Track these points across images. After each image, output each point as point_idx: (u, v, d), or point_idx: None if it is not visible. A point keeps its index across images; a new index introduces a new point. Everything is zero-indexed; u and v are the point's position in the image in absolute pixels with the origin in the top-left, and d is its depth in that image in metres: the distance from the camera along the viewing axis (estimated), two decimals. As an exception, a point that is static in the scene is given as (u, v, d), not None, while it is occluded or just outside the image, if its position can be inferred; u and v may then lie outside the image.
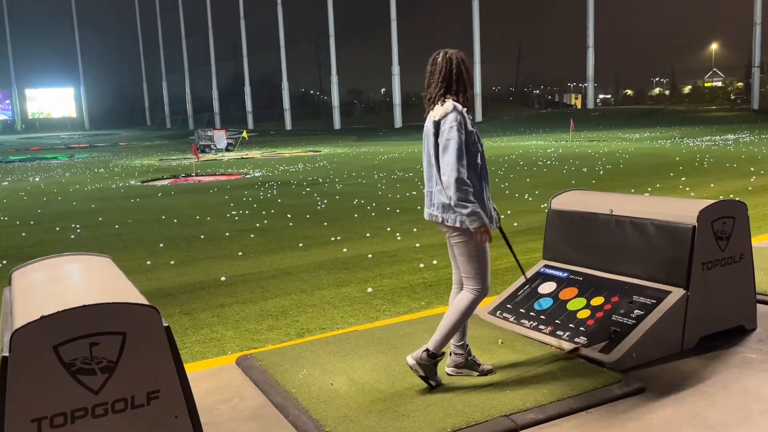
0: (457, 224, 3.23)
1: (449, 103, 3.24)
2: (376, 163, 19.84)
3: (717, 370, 3.54)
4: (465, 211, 3.15)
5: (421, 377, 3.34)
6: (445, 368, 3.47)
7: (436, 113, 3.25)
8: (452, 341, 3.45)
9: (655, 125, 37.38)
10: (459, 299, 3.35)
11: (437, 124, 3.23)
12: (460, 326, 3.35)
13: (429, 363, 3.31)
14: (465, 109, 3.27)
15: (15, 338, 2.13)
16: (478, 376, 3.45)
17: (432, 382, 3.35)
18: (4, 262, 7.47)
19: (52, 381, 2.16)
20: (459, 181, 3.14)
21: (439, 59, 3.32)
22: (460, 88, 3.30)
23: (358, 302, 5.28)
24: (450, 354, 3.46)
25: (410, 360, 3.34)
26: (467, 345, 3.49)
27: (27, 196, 15.14)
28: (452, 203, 3.19)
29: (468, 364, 3.46)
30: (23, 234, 9.55)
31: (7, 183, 19.24)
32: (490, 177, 3.48)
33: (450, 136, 3.17)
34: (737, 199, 4.15)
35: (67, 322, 2.17)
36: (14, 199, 14.42)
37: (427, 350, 3.31)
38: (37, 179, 20.14)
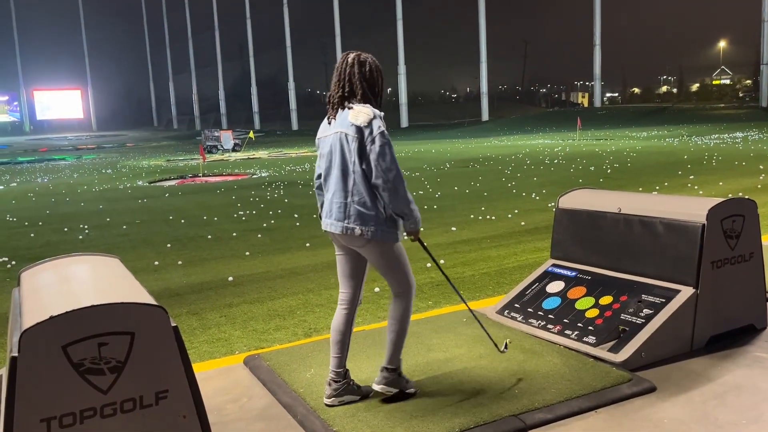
0: (378, 236, 3.07)
1: (368, 108, 3.06)
2: (383, 163, 19.80)
3: (727, 369, 3.51)
4: (415, 216, 3.11)
5: (397, 394, 3.25)
6: (324, 400, 3.24)
7: (357, 118, 3.02)
8: (331, 367, 3.24)
9: (662, 123, 37.21)
10: (395, 309, 3.24)
11: (360, 130, 3.02)
12: (405, 333, 3.26)
13: (396, 378, 3.25)
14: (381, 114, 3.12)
15: (24, 338, 2.13)
16: (360, 399, 3.26)
17: (410, 390, 3.29)
18: (13, 262, 7.51)
19: (61, 381, 2.17)
20: (404, 186, 3.05)
21: (350, 59, 3.13)
22: (376, 92, 3.16)
23: (366, 302, 5.27)
24: (328, 383, 3.23)
25: (376, 387, 3.24)
26: (347, 371, 3.28)
27: (35, 197, 15.22)
28: (399, 209, 3.06)
29: (349, 389, 3.25)
30: (32, 235, 9.59)
31: (15, 184, 19.35)
32: (496, 176, 3.44)
33: (384, 140, 3.00)
34: (747, 197, 4.12)
35: (75, 323, 2.18)
36: (23, 200, 14.49)
37: (385, 368, 3.24)
38: (46, 180, 20.25)
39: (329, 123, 3.22)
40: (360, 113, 3.05)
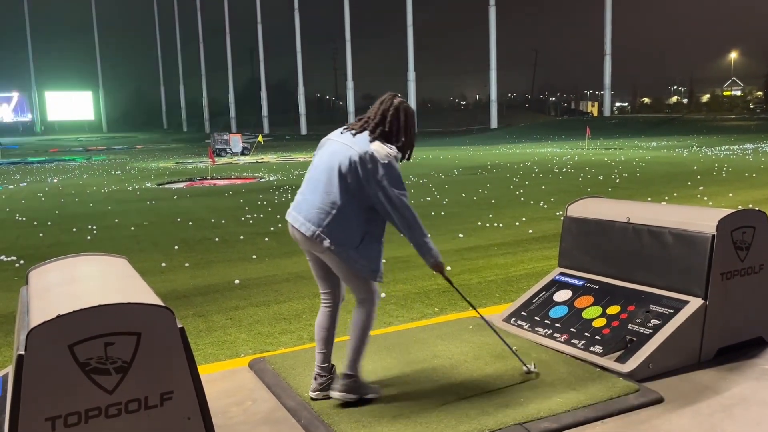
0: (345, 260, 3.10)
1: (391, 149, 3.13)
2: (391, 169, 19.85)
3: (735, 381, 3.48)
4: (433, 253, 3.19)
5: (358, 401, 3.22)
6: (309, 393, 3.30)
7: (378, 151, 3.07)
8: (317, 363, 3.31)
9: (672, 134, 37.08)
10: (358, 316, 3.23)
11: (373, 158, 3.05)
12: (367, 340, 3.24)
13: (354, 383, 3.23)
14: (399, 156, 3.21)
15: (31, 337, 2.14)
16: (374, 395, 3.28)
17: (370, 396, 3.27)
18: (22, 261, 7.55)
19: (66, 380, 2.17)
20: (417, 220, 3.14)
21: (397, 102, 3.22)
22: (400, 138, 3.21)
23: (372, 307, 5.26)
24: (314, 378, 3.30)
25: (335, 394, 3.22)
26: (333, 366, 3.35)
27: (45, 197, 15.31)
28: (417, 245, 3.16)
29: (358, 387, 3.27)
30: (41, 234, 9.65)
31: (25, 184, 19.48)
32: (504, 183, 3.44)
33: (398, 182, 3.08)
34: (757, 208, 4.09)
35: (82, 322, 2.18)
36: (32, 200, 14.58)
37: (345, 374, 3.22)
38: (55, 180, 20.37)
39: (342, 133, 3.25)
40: (383, 150, 3.10)
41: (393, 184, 3.06)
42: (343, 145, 3.17)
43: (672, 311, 3.72)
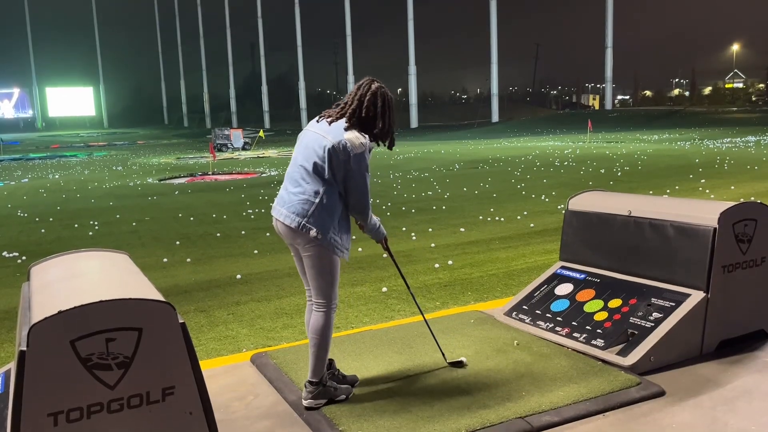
0: (328, 244, 3.10)
1: (364, 138, 3.12)
2: (392, 163, 19.85)
3: (737, 374, 3.48)
4: (376, 231, 3.35)
5: (328, 403, 3.21)
6: (303, 401, 3.23)
7: (351, 141, 3.07)
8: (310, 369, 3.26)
9: (674, 126, 37.00)
10: (314, 321, 3.21)
11: (345, 150, 3.06)
12: (327, 346, 3.21)
13: (321, 389, 3.21)
14: (372, 145, 3.21)
15: (33, 332, 2.14)
16: (343, 397, 3.26)
17: (341, 397, 3.26)
18: (24, 257, 7.56)
19: (68, 376, 2.18)
20: (370, 208, 3.25)
21: (374, 87, 3.19)
22: (378, 125, 3.18)
23: (373, 301, 5.27)
24: (305, 386, 3.24)
25: (306, 402, 3.21)
26: (332, 361, 3.36)
27: (46, 193, 15.33)
28: (368, 227, 3.29)
29: (325, 392, 3.24)
30: (42, 230, 9.66)
31: (27, 180, 19.50)
32: (505, 177, 3.43)
33: (364, 172, 3.12)
34: (759, 201, 4.08)
35: (84, 318, 2.19)
36: (34, 196, 14.60)
37: (309, 382, 3.21)
38: (57, 176, 20.39)
39: (318, 121, 3.26)
40: (355, 138, 3.10)
41: (359, 172, 3.11)
42: (317, 135, 3.18)
43: (673, 304, 3.72)
